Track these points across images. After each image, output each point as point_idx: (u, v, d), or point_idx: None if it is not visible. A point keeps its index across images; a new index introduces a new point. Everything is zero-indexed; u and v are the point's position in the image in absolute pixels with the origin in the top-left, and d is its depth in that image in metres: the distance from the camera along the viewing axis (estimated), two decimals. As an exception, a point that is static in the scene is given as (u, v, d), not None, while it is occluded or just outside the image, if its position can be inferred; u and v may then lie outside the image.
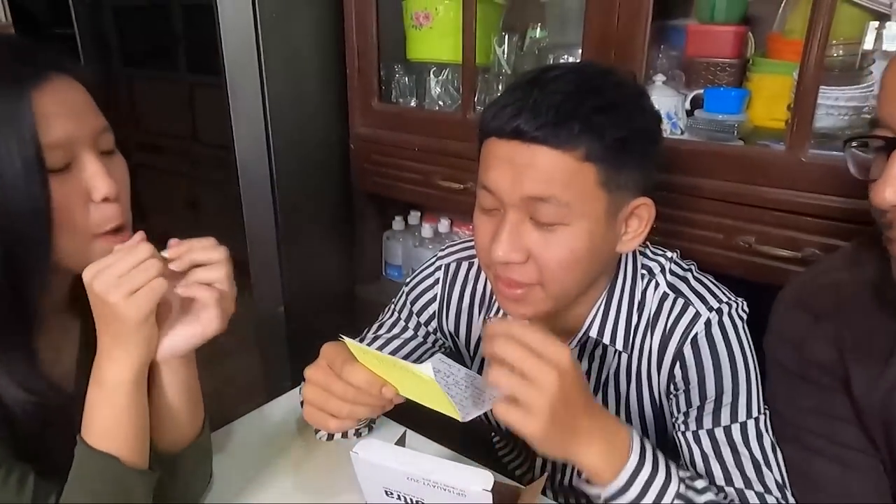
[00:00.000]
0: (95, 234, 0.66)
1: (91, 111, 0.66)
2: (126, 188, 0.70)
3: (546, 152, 0.64)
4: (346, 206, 1.71)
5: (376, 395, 0.64)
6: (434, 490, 0.60)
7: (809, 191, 1.03)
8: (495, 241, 0.68)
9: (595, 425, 0.62)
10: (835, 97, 1.05)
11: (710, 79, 1.25)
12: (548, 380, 0.56)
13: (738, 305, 0.77)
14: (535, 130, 0.64)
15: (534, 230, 0.68)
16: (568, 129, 0.64)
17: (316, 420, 0.69)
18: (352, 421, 0.68)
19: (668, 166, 1.10)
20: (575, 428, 0.60)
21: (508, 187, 0.66)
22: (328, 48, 1.57)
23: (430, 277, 0.92)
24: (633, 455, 0.62)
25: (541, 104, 0.64)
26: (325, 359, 0.68)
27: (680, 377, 0.77)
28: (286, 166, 1.61)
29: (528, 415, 0.57)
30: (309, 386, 0.68)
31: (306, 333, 1.74)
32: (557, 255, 0.68)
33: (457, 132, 1.41)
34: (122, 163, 0.70)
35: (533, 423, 0.57)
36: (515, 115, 0.65)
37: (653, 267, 0.80)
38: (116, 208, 0.67)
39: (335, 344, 0.69)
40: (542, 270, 0.69)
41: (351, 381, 0.64)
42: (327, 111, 1.63)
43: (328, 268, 1.77)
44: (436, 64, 1.50)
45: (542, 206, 0.66)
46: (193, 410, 0.73)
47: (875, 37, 1.09)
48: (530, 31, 1.46)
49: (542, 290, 0.71)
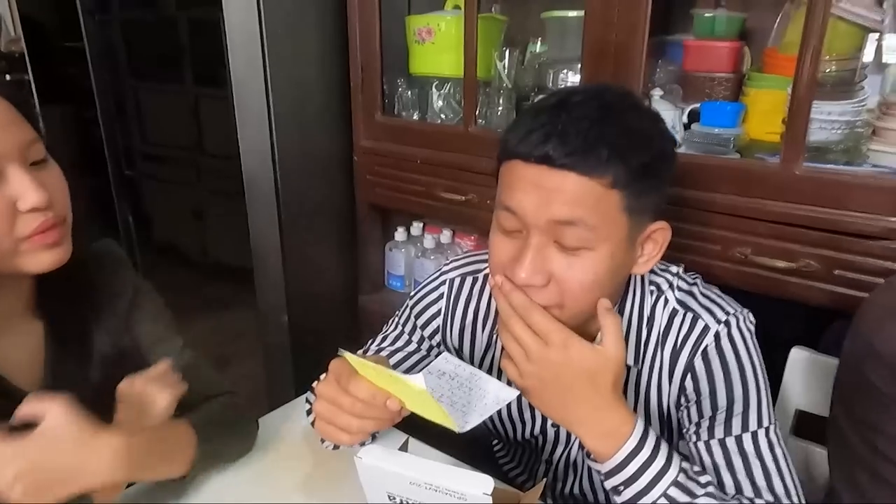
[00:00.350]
0: (21, 238, 0.68)
1: (15, 124, 0.68)
2: (61, 192, 0.73)
3: (574, 178, 0.65)
4: (349, 216, 1.74)
5: (382, 407, 0.66)
6: (435, 494, 0.62)
7: (804, 203, 1.06)
8: (518, 264, 0.69)
9: (602, 406, 0.68)
10: (828, 111, 1.08)
11: (706, 93, 1.28)
12: (553, 357, 0.68)
13: (744, 317, 0.78)
14: (564, 157, 0.65)
15: (557, 253, 0.68)
16: (597, 156, 0.65)
17: (328, 434, 0.69)
18: (363, 435, 0.69)
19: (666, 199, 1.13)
20: (572, 403, 0.69)
21: (535, 210, 0.67)
22: (333, 62, 1.60)
23: (434, 292, 0.93)
24: (633, 439, 0.67)
25: (569, 131, 0.65)
26: (333, 374, 0.69)
27: (691, 389, 0.78)
28: (291, 177, 1.63)
29: (520, 374, 0.70)
30: (319, 401, 0.69)
31: (309, 342, 1.76)
32: (580, 278, 0.69)
33: (458, 145, 1.44)
34: (55, 170, 0.73)
35: (521, 380, 0.70)
36: (543, 141, 0.65)
37: (660, 283, 0.82)
38: (44, 215, 0.69)
39: (342, 359, 0.70)
40: (564, 293, 0.70)
41: (356, 395, 0.65)
42: (331, 124, 1.66)
43: (331, 277, 1.79)
44: (438, 78, 1.53)
45: (568, 229, 0.67)
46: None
47: (874, 49, 1.11)
48: (530, 46, 1.49)
49: (559, 311, 0.71)
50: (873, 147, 1.10)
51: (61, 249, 0.72)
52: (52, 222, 0.70)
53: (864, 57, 1.14)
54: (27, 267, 0.70)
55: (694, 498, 0.68)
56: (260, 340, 1.76)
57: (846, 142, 1.10)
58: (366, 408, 0.66)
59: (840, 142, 1.10)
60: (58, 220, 0.71)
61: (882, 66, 1.21)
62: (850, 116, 1.09)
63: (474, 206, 1.43)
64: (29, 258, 0.70)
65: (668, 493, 0.67)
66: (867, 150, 1.11)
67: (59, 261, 0.72)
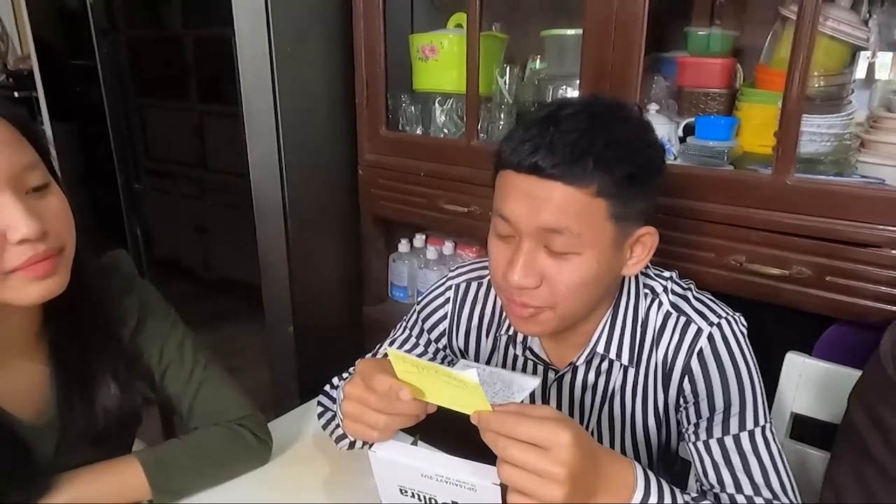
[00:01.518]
0: (8, 270, 0.65)
1: (11, 146, 0.65)
2: (61, 220, 0.69)
3: (561, 188, 0.69)
4: (353, 228, 1.77)
5: (409, 402, 0.66)
6: (446, 486, 0.65)
7: (796, 212, 1.09)
8: (511, 267, 0.73)
9: (602, 477, 0.63)
10: (817, 124, 1.12)
11: (701, 108, 1.32)
12: (557, 472, 0.57)
13: (736, 319, 0.82)
14: (551, 168, 0.68)
15: (547, 258, 0.72)
16: (582, 167, 0.68)
17: (358, 432, 0.71)
18: (391, 431, 0.70)
19: (663, 190, 1.16)
20: (586, 493, 0.62)
21: (525, 218, 0.71)
22: (339, 79, 1.65)
23: (441, 297, 0.97)
24: (638, 491, 0.65)
25: (556, 143, 0.68)
26: (359, 374, 0.71)
27: (689, 391, 0.81)
28: (297, 191, 1.66)
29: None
30: (347, 401, 0.71)
31: (315, 353, 1.78)
32: (568, 280, 0.72)
33: (461, 158, 1.48)
34: (56, 197, 0.69)
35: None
36: (533, 151, 0.69)
37: (655, 287, 0.85)
38: (35, 247, 0.65)
39: (368, 359, 0.73)
40: (554, 294, 0.73)
41: (377, 389, 0.67)
42: (337, 138, 1.70)
43: (336, 288, 1.82)
44: (441, 94, 1.57)
45: (555, 236, 0.71)
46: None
47: (866, 66, 1.16)
48: (530, 63, 1.53)
49: (552, 312, 0.75)
50: (862, 158, 1.15)
51: (52, 281, 0.68)
52: (45, 254, 0.66)
53: (854, 73, 1.19)
54: (14, 299, 0.67)
55: None
56: (266, 350, 1.79)
57: (835, 153, 1.14)
58: (389, 403, 0.67)
59: (829, 153, 1.14)
60: (52, 251, 0.67)
61: (870, 81, 1.26)
62: (839, 129, 1.13)
63: (476, 217, 1.47)
64: (16, 290, 0.66)
65: None
66: (856, 161, 1.15)
67: (50, 293, 0.68)
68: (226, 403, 0.92)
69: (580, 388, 0.88)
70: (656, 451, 0.90)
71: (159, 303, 0.93)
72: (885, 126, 1.14)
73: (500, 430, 0.59)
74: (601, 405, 0.88)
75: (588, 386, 0.88)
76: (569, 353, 0.86)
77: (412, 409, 0.68)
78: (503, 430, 0.59)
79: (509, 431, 0.59)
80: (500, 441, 0.59)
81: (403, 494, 0.70)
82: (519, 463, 0.58)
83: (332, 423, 0.89)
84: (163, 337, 0.90)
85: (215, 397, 0.92)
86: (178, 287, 2.67)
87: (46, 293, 0.68)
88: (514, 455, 0.58)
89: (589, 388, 0.88)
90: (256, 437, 0.91)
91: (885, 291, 1.05)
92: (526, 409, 0.61)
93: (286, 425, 1.02)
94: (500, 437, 0.59)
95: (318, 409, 0.94)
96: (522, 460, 0.58)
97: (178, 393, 0.91)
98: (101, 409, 0.81)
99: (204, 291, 2.80)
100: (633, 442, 0.89)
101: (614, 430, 0.89)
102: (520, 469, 0.58)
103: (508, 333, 0.90)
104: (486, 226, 0.79)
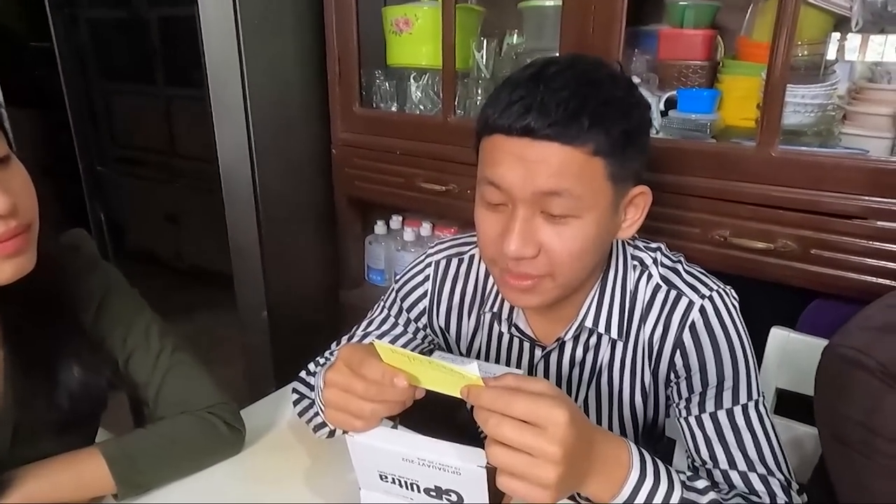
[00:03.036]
0: None
1: None
2: (27, 195, 0.67)
3: (557, 148, 0.65)
4: (328, 211, 1.72)
5: (396, 389, 0.62)
6: (429, 471, 0.62)
7: (780, 184, 1.08)
8: (507, 237, 0.69)
9: (596, 458, 0.60)
10: (801, 94, 1.10)
11: (682, 81, 1.30)
12: (553, 452, 0.54)
13: (728, 292, 0.79)
14: (546, 128, 0.65)
15: (545, 224, 0.69)
16: (578, 126, 0.65)
17: (340, 422, 0.66)
18: (376, 420, 0.65)
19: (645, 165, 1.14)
20: (580, 474, 0.59)
21: (520, 183, 0.67)
22: (310, 55, 1.59)
23: (420, 274, 0.93)
24: (634, 471, 0.62)
25: (548, 102, 0.65)
26: (342, 360, 0.66)
27: (681, 365, 0.79)
28: (268, 174, 1.61)
29: (540, 489, 0.55)
30: (329, 389, 0.66)
31: (290, 339, 1.74)
32: (569, 247, 0.69)
33: (438, 135, 1.44)
34: (19, 171, 0.67)
35: (546, 495, 0.55)
36: (524, 112, 0.65)
37: (644, 258, 0.82)
38: (6, 223, 0.63)
39: (351, 345, 0.68)
40: (554, 262, 0.70)
41: (368, 376, 0.63)
42: (309, 117, 1.65)
43: (311, 273, 1.78)
44: (416, 69, 1.53)
45: (554, 199, 0.67)
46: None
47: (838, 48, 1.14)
48: (508, 37, 1.49)
49: (551, 281, 0.72)
50: (845, 130, 1.14)
51: (24, 258, 0.66)
52: (15, 231, 0.64)
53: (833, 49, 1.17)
54: None
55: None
56: (240, 338, 1.74)
57: (819, 125, 1.13)
58: (379, 390, 0.63)
59: (813, 125, 1.13)
60: (21, 227, 0.65)
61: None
62: (822, 100, 1.12)
63: (454, 196, 1.43)
64: None
65: None
66: (839, 133, 1.14)
67: (22, 270, 0.66)
68: (195, 391, 0.88)
69: (567, 365, 0.85)
70: (642, 428, 0.88)
71: (122, 285, 0.88)
72: (868, 97, 1.13)
73: (493, 406, 0.55)
74: (588, 381, 0.86)
75: (576, 362, 0.85)
76: (556, 327, 0.83)
77: (401, 396, 0.63)
78: (495, 407, 0.55)
79: (502, 408, 0.55)
80: (491, 418, 0.55)
81: (384, 481, 0.66)
82: (511, 442, 0.54)
83: (310, 410, 0.85)
84: (127, 321, 0.86)
85: (184, 384, 0.88)
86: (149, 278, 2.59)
87: (19, 270, 0.65)
88: (506, 433, 0.54)
89: (577, 365, 0.85)
90: (228, 426, 0.87)
91: (869, 263, 1.04)
92: (521, 382, 0.57)
93: (260, 412, 0.98)
94: (491, 413, 0.55)
95: (293, 396, 0.90)
96: (515, 439, 0.54)
97: (143, 380, 0.86)
98: (65, 394, 0.77)
99: (176, 282, 2.73)
100: (620, 418, 0.87)
101: (601, 406, 0.87)
102: (511, 449, 0.54)
103: (493, 311, 0.87)
104: (464, 204, 0.76)
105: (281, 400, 1.01)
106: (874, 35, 1.08)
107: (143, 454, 0.80)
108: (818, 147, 1.10)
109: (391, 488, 0.67)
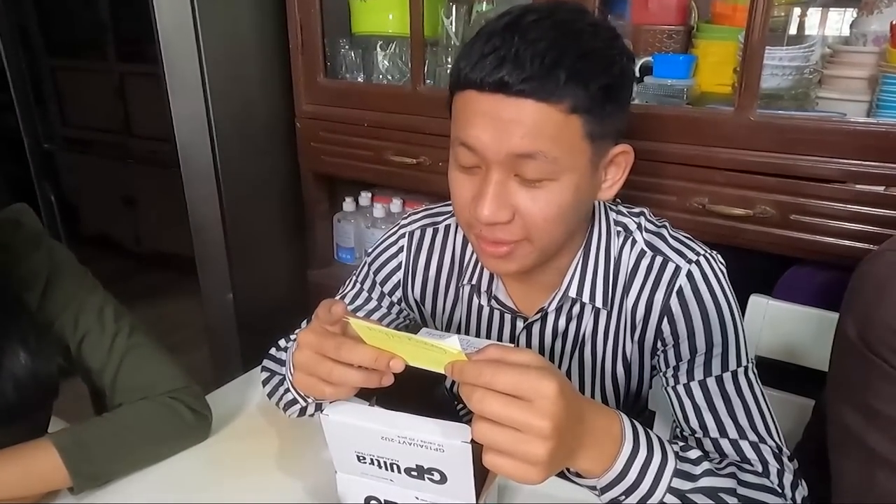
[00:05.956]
0: None
1: None
2: None
3: (532, 106, 0.61)
4: (294, 187, 1.66)
5: (370, 351, 0.57)
6: (410, 449, 0.58)
7: (759, 149, 1.06)
8: (479, 201, 0.65)
9: (587, 431, 0.57)
10: (779, 57, 1.08)
11: (657, 46, 1.27)
12: (541, 426, 0.50)
13: (714, 257, 0.77)
14: (520, 83, 0.60)
15: (520, 188, 0.65)
16: (554, 81, 0.60)
17: (308, 387, 0.62)
18: (346, 389, 0.61)
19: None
20: (570, 449, 0.56)
21: (493, 144, 0.63)
22: (270, 23, 1.52)
23: (393, 246, 0.89)
24: (627, 443, 0.59)
25: (523, 54, 0.60)
26: (318, 318, 0.61)
27: (668, 332, 0.76)
28: (230, 152, 1.55)
29: (529, 466, 0.51)
30: (300, 350, 0.61)
31: (257, 322, 1.69)
32: (545, 211, 0.65)
33: (407, 106, 1.39)
34: None
35: (535, 472, 0.51)
36: (497, 65, 0.60)
37: (628, 224, 0.79)
38: None
39: (329, 301, 0.63)
40: (530, 227, 0.66)
41: (347, 348, 0.58)
42: (271, 90, 1.58)
43: (277, 253, 1.72)
44: (382, 37, 1.47)
45: (529, 162, 0.63)
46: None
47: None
48: (477, 4, 1.44)
49: (529, 245, 0.68)
50: (821, 94, 1.12)
51: None
52: None
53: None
54: None
55: (695, 481, 0.62)
56: (204, 322, 1.68)
57: (796, 88, 1.11)
58: (352, 350, 0.58)
59: (791, 88, 1.11)
60: None
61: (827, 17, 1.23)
62: (800, 62, 1.10)
63: (426, 169, 1.38)
64: None
65: (672, 485, 0.61)
66: (816, 97, 1.12)
67: None
68: (155, 375, 0.83)
69: (550, 336, 0.82)
70: (624, 400, 0.86)
71: (71, 263, 0.82)
72: (844, 60, 1.11)
73: (476, 380, 0.51)
74: (571, 352, 0.83)
75: (558, 333, 0.82)
76: (538, 297, 0.80)
77: (378, 372, 0.58)
78: (480, 381, 0.51)
79: (487, 382, 0.50)
80: (475, 393, 0.51)
81: (361, 462, 0.62)
82: (497, 417, 0.50)
83: (281, 387, 0.81)
84: (78, 302, 0.81)
85: (142, 368, 0.82)
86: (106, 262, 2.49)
87: None
88: (492, 408, 0.50)
89: (559, 336, 0.82)
90: (192, 411, 0.82)
91: (848, 227, 1.03)
92: (505, 353, 0.53)
93: (227, 396, 0.93)
94: (475, 388, 0.51)
95: (262, 375, 0.85)
96: (502, 414, 0.50)
97: (98, 365, 0.81)
98: (11, 380, 0.71)
99: (135, 266, 2.63)
100: (602, 390, 0.85)
101: (584, 377, 0.84)
102: (498, 425, 0.50)
103: (472, 283, 0.83)
104: (436, 178, 0.71)
105: (249, 384, 0.96)
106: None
107: (99, 443, 0.75)
108: (795, 111, 1.08)
109: (369, 469, 0.62)
